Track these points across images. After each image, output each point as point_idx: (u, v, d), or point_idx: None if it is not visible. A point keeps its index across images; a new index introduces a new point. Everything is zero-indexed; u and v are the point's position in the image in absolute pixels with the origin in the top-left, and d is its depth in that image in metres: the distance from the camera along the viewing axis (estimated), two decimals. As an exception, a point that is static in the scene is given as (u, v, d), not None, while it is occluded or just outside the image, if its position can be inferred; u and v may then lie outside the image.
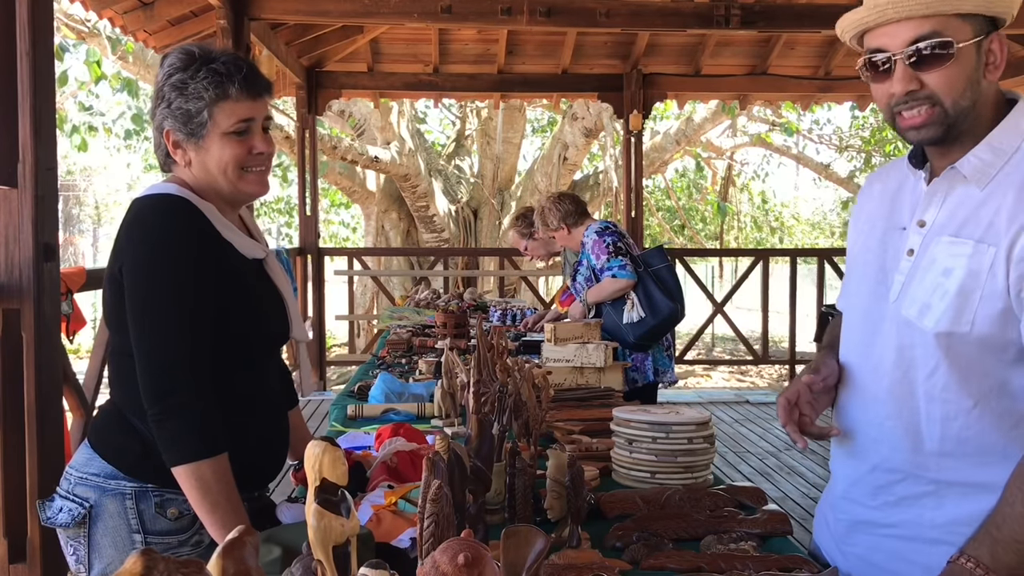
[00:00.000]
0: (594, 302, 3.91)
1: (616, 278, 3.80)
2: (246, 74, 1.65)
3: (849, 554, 1.52)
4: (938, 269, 1.34)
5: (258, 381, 1.75)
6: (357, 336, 9.23)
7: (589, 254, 3.96)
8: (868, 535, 1.47)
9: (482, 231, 11.16)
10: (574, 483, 1.50)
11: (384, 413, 2.60)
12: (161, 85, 1.66)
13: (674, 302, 3.85)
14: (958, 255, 1.32)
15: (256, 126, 1.68)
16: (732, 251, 16.67)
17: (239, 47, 5.15)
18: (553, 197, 4.21)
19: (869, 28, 1.35)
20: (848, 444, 1.50)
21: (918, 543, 1.40)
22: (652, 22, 5.89)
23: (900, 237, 1.43)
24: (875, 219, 1.50)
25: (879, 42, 1.34)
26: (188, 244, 1.59)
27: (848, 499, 1.52)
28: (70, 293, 3.47)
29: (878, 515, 1.45)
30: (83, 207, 21.77)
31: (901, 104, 1.34)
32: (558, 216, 4.10)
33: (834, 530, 1.57)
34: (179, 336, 1.56)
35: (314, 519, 1.03)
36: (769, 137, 14.93)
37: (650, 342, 3.93)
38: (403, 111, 10.71)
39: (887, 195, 1.50)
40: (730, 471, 5.32)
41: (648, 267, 3.88)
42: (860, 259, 1.51)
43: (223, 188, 1.69)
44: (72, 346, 4.19)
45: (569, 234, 4.14)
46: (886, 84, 1.35)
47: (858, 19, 1.35)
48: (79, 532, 1.65)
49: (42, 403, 2.62)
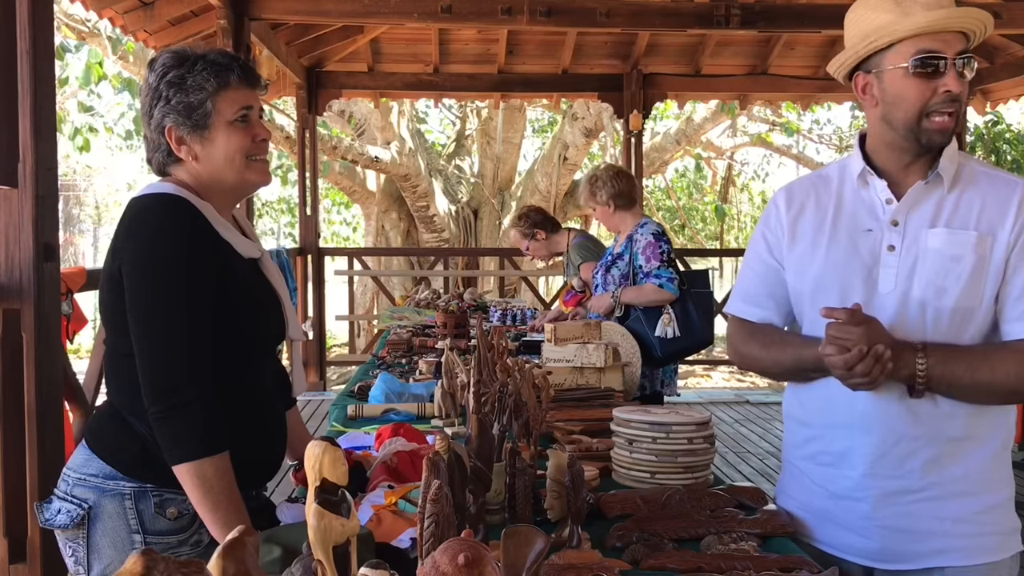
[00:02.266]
0: (628, 303, 3.75)
1: (662, 288, 3.64)
2: (242, 64, 1.70)
3: (875, 528, 1.62)
4: (945, 256, 1.55)
5: (255, 380, 1.75)
6: (357, 336, 9.24)
7: (638, 253, 3.76)
8: (896, 505, 1.60)
9: (482, 231, 11.16)
10: (574, 483, 1.50)
11: (384, 413, 2.60)
12: (156, 84, 1.66)
13: (708, 329, 3.79)
14: (963, 243, 1.55)
15: (255, 114, 1.71)
16: (732, 251, 16.64)
17: (239, 47, 5.15)
18: (612, 171, 3.98)
19: (927, 32, 1.53)
20: (869, 423, 1.60)
21: (944, 500, 1.58)
22: (652, 22, 5.89)
23: (871, 237, 1.62)
24: (827, 228, 1.66)
25: (934, 46, 1.53)
26: (188, 243, 1.60)
27: (873, 475, 1.61)
28: (70, 293, 3.47)
29: (906, 483, 1.59)
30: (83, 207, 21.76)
31: (939, 106, 1.53)
32: (611, 192, 3.88)
33: (851, 518, 1.64)
34: (180, 335, 1.56)
35: (314, 519, 1.03)
36: (769, 137, 14.94)
37: (672, 361, 3.83)
38: (403, 111, 10.71)
39: (827, 206, 1.68)
40: (730, 471, 5.32)
41: (691, 287, 3.76)
42: (831, 262, 1.64)
43: (229, 179, 1.69)
44: (72, 346, 4.19)
45: (613, 213, 3.93)
46: (933, 83, 1.53)
47: (925, 22, 1.52)
48: (78, 533, 1.65)
49: (42, 403, 2.62)
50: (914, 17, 1.53)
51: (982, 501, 1.60)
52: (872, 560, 1.65)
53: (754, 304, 1.77)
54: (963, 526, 1.59)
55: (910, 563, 1.62)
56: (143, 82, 1.71)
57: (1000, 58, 6.96)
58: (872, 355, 1.47)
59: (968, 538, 1.59)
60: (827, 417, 1.68)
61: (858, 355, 1.47)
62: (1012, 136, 11.64)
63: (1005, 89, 7.46)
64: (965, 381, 1.52)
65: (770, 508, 1.74)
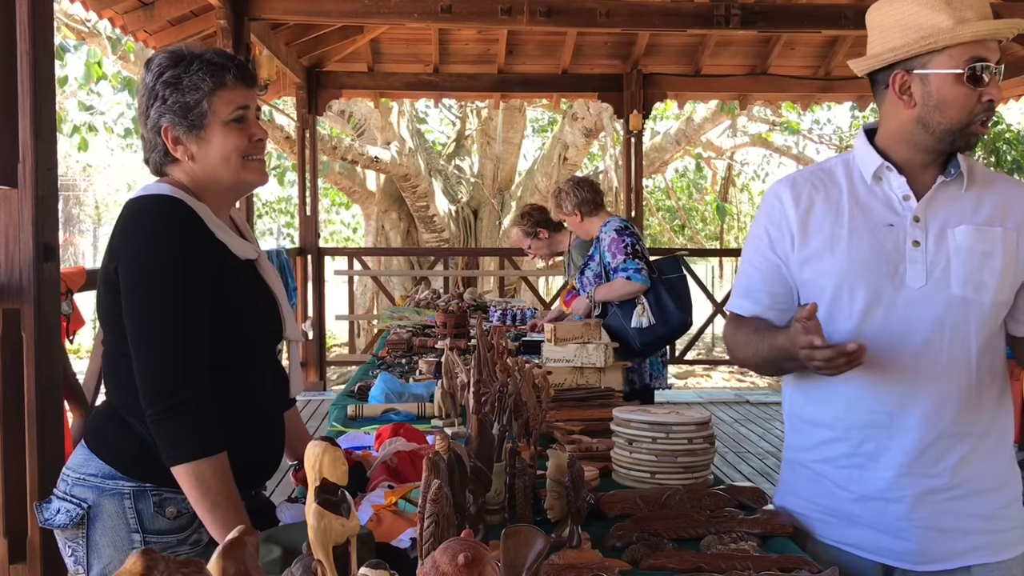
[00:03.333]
0: (602, 300, 3.86)
1: (630, 280, 3.75)
2: (238, 64, 1.70)
3: (913, 529, 1.60)
4: (976, 252, 1.56)
5: (254, 381, 1.75)
6: (357, 336, 9.23)
7: (604, 250, 3.89)
8: (933, 504, 1.60)
9: (482, 231, 11.16)
10: (574, 483, 1.50)
11: (384, 413, 2.60)
12: (152, 84, 1.65)
13: (684, 314, 3.82)
14: (992, 239, 1.57)
15: (251, 114, 1.71)
16: (732, 251, 16.64)
17: (239, 47, 5.15)
18: (573, 181, 4.13)
19: (981, 40, 1.53)
20: (905, 423, 1.59)
21: (976, 496, 1.60)
22: (652, 22, 5.89)
23: (893, 232, 1.60)
24: (846, 223, 1.63)
25: (985, 53, 1.53)
26: (184, 244, 1.59)
27: (910, 475, 1.59)
28: (70, 293, 3.47)
29: (941, 481, 1.59)
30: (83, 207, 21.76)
31: (983, 115, 1.55)
32: (574, 201, 4.03)
33: (885, 520, 1.61)
34: (176, 336, 1.56)
35: (314, 519, 1.03)
36: (769, 137, 14.92)
37: (654, 350, 3.90)
38: (403, 111, 10.71)
39: (839, 202, 1.65)
40: (730, 471, 5.32)
41: (662, 275, 3.83)
42: (854, 257, 1.61)
43: (225, 179, 1.69)
44: (72, 346, 4.19)
45: (581, 221, 4.07)
46: (978, 91, 1.54)
47: (987, 30, 1.52)
48: (77, 533, 1.64)
49: (42, 403, 2.62)
50: (973, 24, 1.51)
51: (1004, 496, 1.64)
52: (906, 562, 1.61)
53: (748, 298, 1.75)
54: (990, 522, 1.61)
55: (945, 563, 1.60)
56: (140, 82, 1.71)
57: (1000, 58, 6.96)
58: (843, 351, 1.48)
59: (995, 534, 1.62)
60: (852, 418, 1.63)
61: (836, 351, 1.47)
62: (1012, 136, 11.65)
63: (1005, 89, 7.45)
64: None
65: (770, 508, 1.74)
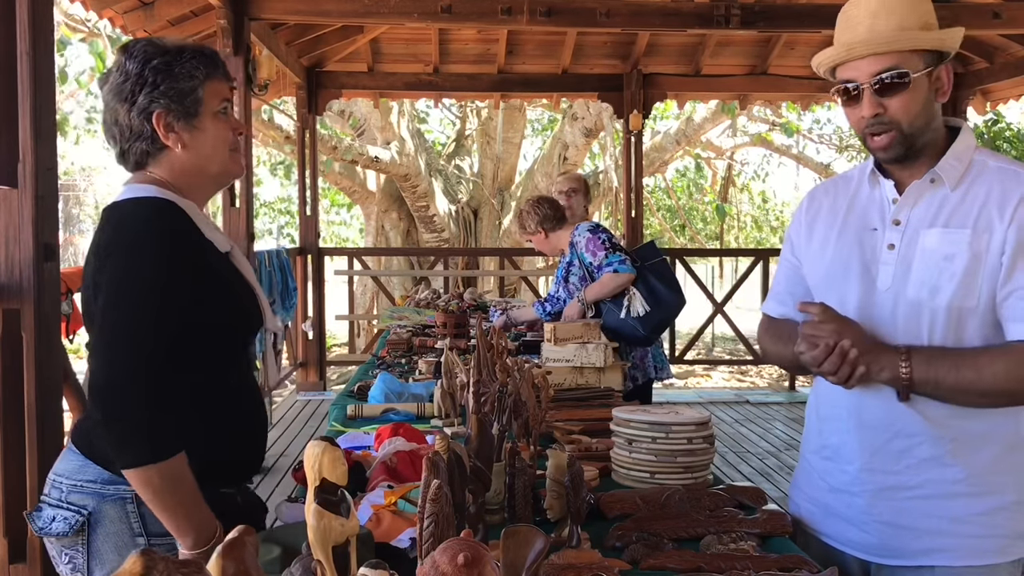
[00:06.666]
0: (595, 299, 3.88)
1: (617, 273, 3.79)
2: (222, 59, 1.73)
3: (873, 523, 1.65)
4: (938, 255, 1.56)
5: (239, 373, 1.75)
6: (357, 336, 9.23)
7: (583, 253, 3.93)
8: (893, 500, 1.63)
9: (482, 231, 11.16)
10: (574, 483, 1.50)
11: (384, 413, 2.60)
12: (140, 70, 1.61)
13: (676, 294, 3.89)
14: (958, 242, 1.55)
15: (231, 108, 1.73)
16: (732, 251, 16.66)
17: (239, 47, 5.15)
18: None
19: (840, 63, 1.60)
20: (862, 418, 1.64)
21: (943, 499, 1.60)
22: (652, 22, 5.89)
23: (874, 236, 1.65)
24: (838, 226, 1.72)
25: (849, 75, 1.59)
26: (168, 248, 1.57)
27: (870, 470, 1.65)
28: (70, 293, 3.47)
29: (903, 479, 1.62)
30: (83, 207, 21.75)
31: (870, 128, 1.59)
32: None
33: (850, 512, 1.68)
34: (139, 350, 1.51)
35: (314, 519, 1.03)
36: (769, 137, 14.92)
37: (658, 335, 3.97)
38: (403, 111, 10.70)
39: (840, 206, 1.74)
40: (730, 471, 5.32)
41: (644, 262, 3.90)
42: (836, 260, 1.70)
43: (213, 169, 1.70)
44: (72, 346, 4.19)
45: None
46: (856, 109, 1.61)
47: (832, 56, 1.61)
48: (76, 540, 1.61)
49: (42, 403, 2.62)
50: (828, 50, 1.60)
51: (986, 503, 1.60)
52: (870, 554, 1.67)
53: (775, 300, 1.86)
54: (964, 526, 1.60)
55: (906, 559, 1.63)
56: (114, 69, 1.65)
57: (1000, 58, 6.96)
58: (838, 352, 1.53)
59: (968, 538, 1.60)
60: (826, 411, 1.74)
61: (824, 351, 1.53)
62: (1012, 135, 11.65)
63: (1005, 89, 7.45)
64: (950, 383, 1.52)
65: (770, 508, 1.74)
